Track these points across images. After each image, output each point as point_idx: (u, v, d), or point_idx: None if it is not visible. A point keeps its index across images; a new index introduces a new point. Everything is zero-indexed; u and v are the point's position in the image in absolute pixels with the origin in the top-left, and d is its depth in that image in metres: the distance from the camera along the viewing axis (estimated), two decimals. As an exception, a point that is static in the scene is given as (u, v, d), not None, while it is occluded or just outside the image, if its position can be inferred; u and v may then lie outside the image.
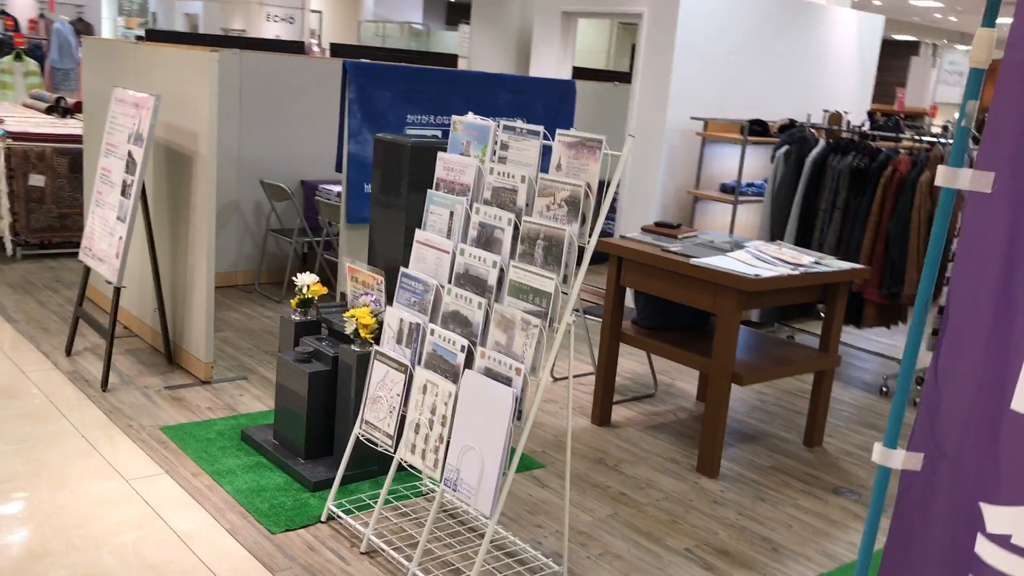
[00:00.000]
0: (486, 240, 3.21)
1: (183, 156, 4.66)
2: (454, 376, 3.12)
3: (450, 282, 3.28)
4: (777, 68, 7.37)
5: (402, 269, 3.45)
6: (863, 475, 4.38)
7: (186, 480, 3.71)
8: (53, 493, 3.51)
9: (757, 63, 7.20)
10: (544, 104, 6.02)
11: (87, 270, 4.94)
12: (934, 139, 5.86)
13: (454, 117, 3.46)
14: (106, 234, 4.64)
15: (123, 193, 4.54)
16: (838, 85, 8.03)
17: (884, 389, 5.69)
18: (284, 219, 6.76)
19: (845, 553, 3.61)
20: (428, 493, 3.79)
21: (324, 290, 4.12)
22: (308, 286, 4.10)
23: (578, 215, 2.94)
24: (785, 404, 5.27)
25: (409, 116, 5.41)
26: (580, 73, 7.99)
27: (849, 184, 5.83)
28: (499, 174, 3.22)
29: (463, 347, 3.09)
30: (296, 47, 8.06)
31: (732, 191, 6.77)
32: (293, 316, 4.12)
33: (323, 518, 3.51)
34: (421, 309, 3.34)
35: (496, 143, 3.29)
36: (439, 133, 5.54)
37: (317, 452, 3.90)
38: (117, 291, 4.56)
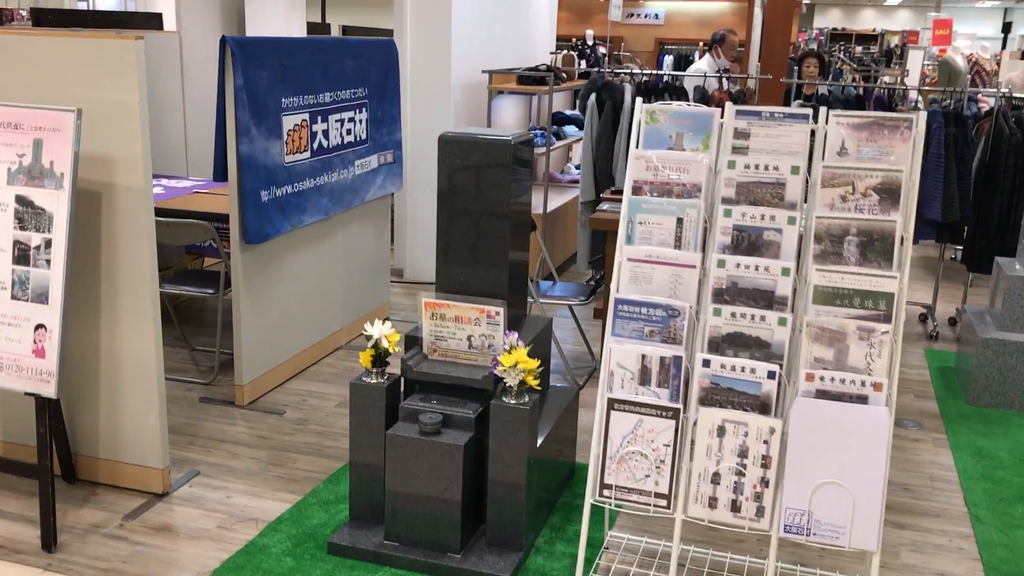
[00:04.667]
0: (748, 245, 2.78)
1: (87, 193, 3.21)
2: (761, 409, 2.69)
3: (704, 302, 2.79)
4: (506, 16, 7.20)
5: (616, 295, 2.84)
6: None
7: (357, 634, 2.72)
8: None
9: (498, 13, 6.97)
10: (378, 68, 5.19)
11: (-77, 383, 3.21)
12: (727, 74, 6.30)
13: (651, 107, 2.89)
14: (-10, 325, 3.06)
15: (21, 260, 3.01)
16: (537, 26, 8.10)
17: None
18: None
19: (945, 474, 3.91)
20: (608, 548, 3.25)
21: (398, 336, 3.23)
22: (385, 337, 3.17)
23: (897, 203, 2.68)
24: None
25: (284, 100, 4.30)
26: (316, 29, 7.02)
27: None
28: (751, 167, 2.78)
29: (771, 373, 2.68)
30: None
31: (524, 143, 6.57)
32: (367, 379, 3.17)
33: (574, 616, 2.84)
34: (667, 339, 2.80)
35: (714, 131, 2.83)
36: (307, 117, 4.51)
37: (466, 538, 3.11)
38: (55, 406, 3.06)
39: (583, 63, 7.82)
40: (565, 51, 7.61)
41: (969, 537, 3.39)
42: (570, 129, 7.54)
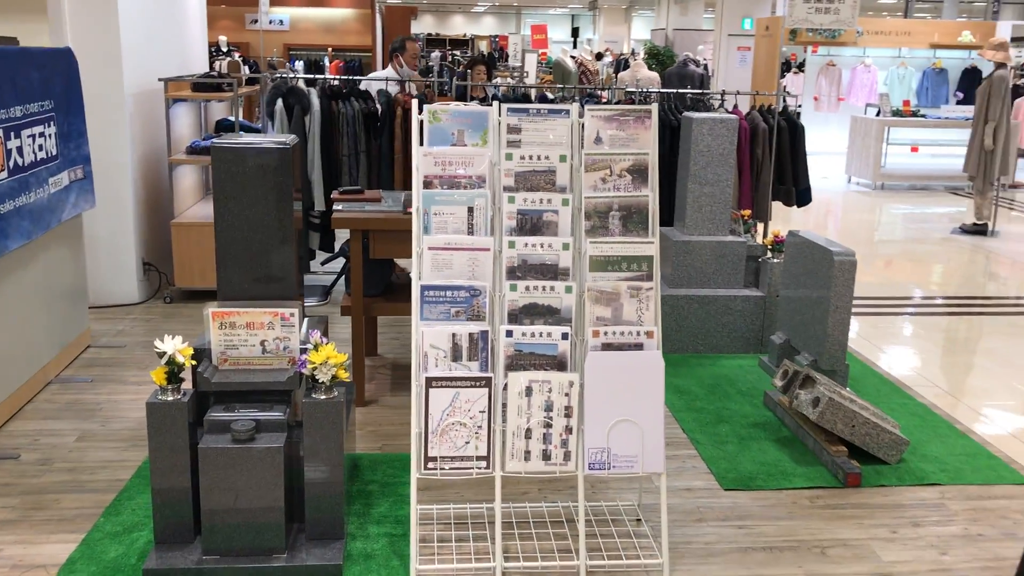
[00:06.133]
0: (531, 227, 3.15)
1: None
2: (559, 366, 3.09)
3: (500, 280, 3.12)
4: (165, 23, 6.96)
5: (421, 282, 3.08)
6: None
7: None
8: None
9: (158, 21, 6.72)
10: (61, 79, 4.82)
11: None
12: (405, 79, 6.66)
13: (432, 107, 3.13)
14: None
15: None
16: (191, 32, 7.87)
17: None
18: None
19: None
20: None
21: (191, 350, 3.17)
22: (178, 351, 3.10)
23: (647, 181, 3.19)
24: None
25: (-23, 115, 3.89)
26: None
27: (365, 127, 6.27)
28: (525, 158, 3.15)
29: (564, 335, 3.09)
30: None
31: (206, 151, 6.43)
32: (164, 396, 3.08)
33: (415, 585, 3.04)
34: (472, 317, 3.10)
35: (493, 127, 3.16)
36: (0, 134, 4.11)
37: (289, 533, 3.16)
38: None
39: (246, 69, 7.75)
40: (230, 58, 7.49)
41: (696, 457, 4.07)
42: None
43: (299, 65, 14.72)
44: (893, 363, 5.50)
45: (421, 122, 3.17)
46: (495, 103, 3.21)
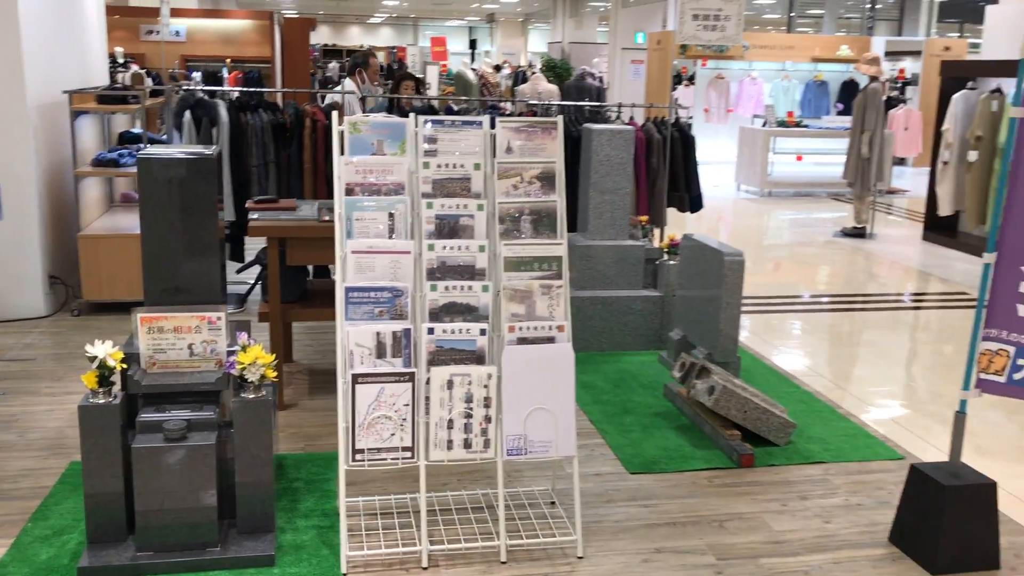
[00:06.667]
0: (449, 230, 3.36)
1: None
2: (478, 360, 3.31)
3: (420, 281, 3.32)
4: (67, 35, 6.92)
5: (346, 284, 3.26)
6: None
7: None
8: None
9: (60, 32, 6.68)
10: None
11: None
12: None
13: (352, 118, 3.31)
14: None
15: None
16: (91, 44, 7.81)
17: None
18: None
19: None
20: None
21: (122, 354, 3.27)
22: (109, 355, 3.20)
23: (554, 187, 3.44)
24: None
25: None
26: None
27: (274, 138, 6.37)
28: (442, 166, 3.36)
29: (482, 331, 3.31)
30: None
31: (113, 163, 6.43)
32: (95, 399, 3.17)
33: (345, 571, 3.20)
34: (395, 316, 3.29)
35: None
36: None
37: (221, 527, 3.28)
38: None
39: (150, 81, 7.74)
40: (130, 69, 7.47)
41: (604, 445, 4.35)
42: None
43: (196, 76, 14.56)
44: (782, 356, 5.91)
45: (342, 132, 3.35)
46: (412, 115, 3.41)
